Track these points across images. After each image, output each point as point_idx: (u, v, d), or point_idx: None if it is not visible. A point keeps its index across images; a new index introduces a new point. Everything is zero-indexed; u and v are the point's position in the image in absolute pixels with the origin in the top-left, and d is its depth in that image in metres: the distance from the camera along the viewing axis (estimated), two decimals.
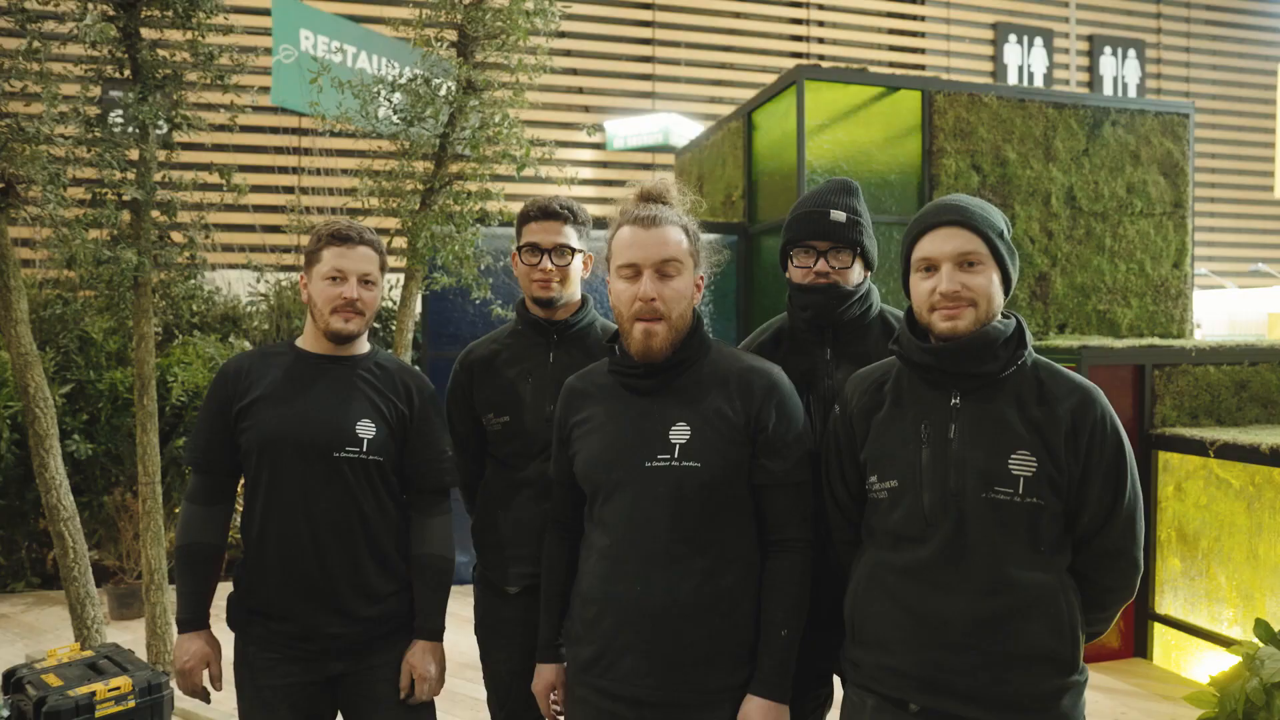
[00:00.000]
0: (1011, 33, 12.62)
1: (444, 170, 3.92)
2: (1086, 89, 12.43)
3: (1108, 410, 1.47)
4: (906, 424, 1.51)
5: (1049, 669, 1.43)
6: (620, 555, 1.65)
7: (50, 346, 5.12)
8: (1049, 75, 12.50)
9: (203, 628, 1.96)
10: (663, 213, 1.67)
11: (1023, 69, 12.58)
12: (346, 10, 8.50)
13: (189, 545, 1.96)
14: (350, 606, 1.90)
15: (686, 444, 1.63)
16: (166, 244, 3.84)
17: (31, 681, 2.42)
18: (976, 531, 1.43)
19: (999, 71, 12.32)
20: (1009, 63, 12.62)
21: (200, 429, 1.97)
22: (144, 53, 3.64)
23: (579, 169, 10.07)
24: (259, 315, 6.09)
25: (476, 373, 2.11)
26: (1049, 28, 12.52)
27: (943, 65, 12.00)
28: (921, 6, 11.80)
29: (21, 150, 3.23)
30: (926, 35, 11.94)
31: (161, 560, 3.88)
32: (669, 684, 1.62)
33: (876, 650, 1.52)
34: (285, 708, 1.90)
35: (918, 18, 11.74)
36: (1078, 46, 12.80)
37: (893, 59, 11.69)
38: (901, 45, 11.77)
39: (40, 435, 3.39)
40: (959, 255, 1.45)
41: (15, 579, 5.30)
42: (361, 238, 1.95)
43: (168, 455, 5.15)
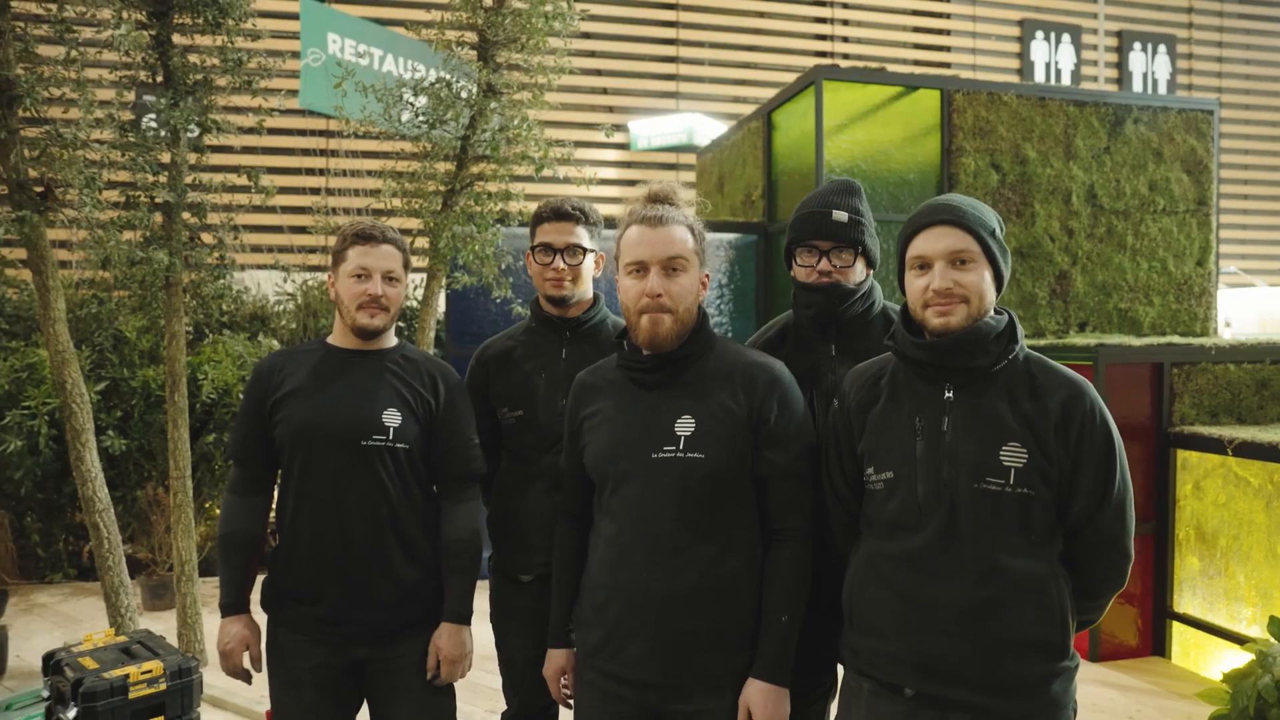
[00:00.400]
0: (1038, 29, 12.47)
1: (465, 171, 4.00)
2: (1115, 85, 12.30)
3: (1097, 404, 1.50)
4: (902, 417, 1.56)
5: (1039, 655, 1.47)
6: (627, 544, 1.70)
7: (86, 345, 5.27)
8: (1076, 72, 12.35)
9: (243, 612, 2.05)
10: (669, 213, 1.73)
11: (1050, 66, 12.44)
12: (373, 14, 8.61)
13: (229, 534, 2.05)
14: (376, 591, 1.97)
15: (692, 436, 1.69)
16: (197, 245, 3.95)
17: (69, 664, 2.53)
18: (969, 521, 1.48)
19: (1025, 69, 12.19)
20: (1036, 59, 12.47)
21: (238, 424, 2.06)
22: (175, 59, 3.75)
23: (603, 169, 10.15)
24: (286, 314, 6.21)
25: (492, 368, 2.18)
26: (1077, 24, 12.36)
27: (968, 63, 11.90)
28: (947, 4, 11.71)
29: (60, 155, 3.35)
30: (952, 33, 11.83)
31: (192, 552, 4.00)
32: (673, 668, 1.67)
33: (872, 636, 1.56)
34: (311, 688, 1.98)
35: (943, 15, 11.65)
36: (1106, 42, 12.64)
37: (918, 57, 11.60)
38: (927, 44, 11.67)
39: (76, 430, 3.51)
40: (951, 253, 1.49)
41: (53, 570, 5.46)
42: (385, 236, 2.03)
43: (198, 451, 5.29)
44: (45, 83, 3.35)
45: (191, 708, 2.59)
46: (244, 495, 2.06)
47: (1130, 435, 4.15)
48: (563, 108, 10.00)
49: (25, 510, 5.40)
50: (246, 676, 2.06)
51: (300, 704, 1.98)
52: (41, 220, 3.43)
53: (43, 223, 3.45)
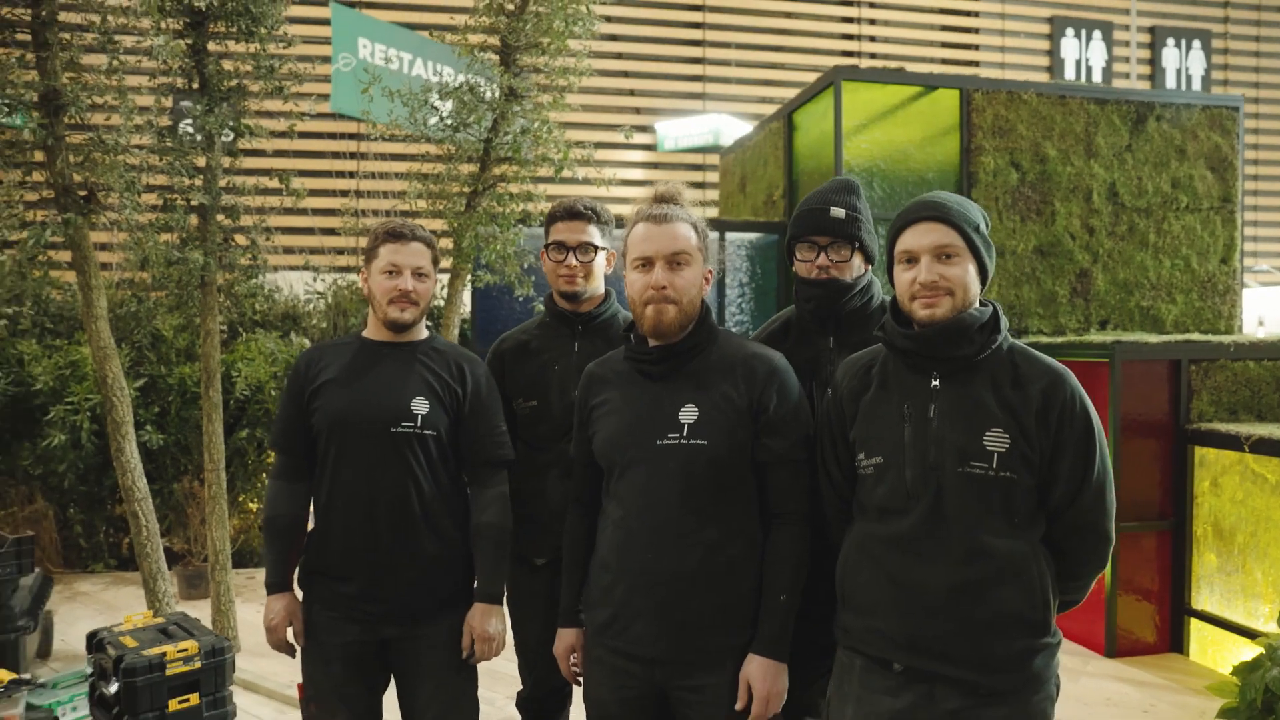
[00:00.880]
0: (1069, 26, 12.32)
1: (488, 173, 4.11)
2: (1148, 82, 12.16)
3: (1078, 391, 1.56)
4: (891, 405, 1.63)
5: (1021, 631, 1.54)
6: (633, 527, 1.79)
7: (125, 343, 5.46)
8: (1108, 69, 12.20)
9: (286, 590, 2.15)
10: (674, 211, 1.81)
11: (1080, 63, 12.29)
12: (403, 18, 8.75)
13: (273, 518, 2.16)
14: (404, 572, 2.07)
15: (695, 424, 1.77)
16: (231, 246, 4.10)
17: (111, 642, 2.67)
18: (954, 503, 1.54)
19: (1055, 66, 12.06)
20: (1066, 57, 12.32)
21: (280, 414, 2.18)
22: (210, 67, 3.90)
23: (629, 170, 10.24)
24: (317, 314, 6.38)
25: (508, 360, 2.28)
26: (1108, 20, 12.19)
27: (996, 61, 11.80)
28: (975, 2, 11.63)
29: (102, 160, 3.50)
30: (980, 31, 11.74)
31: (225, 543, 4.15)
32: (677, 645, 1.76)
33: (864, 615, 1.63)
34: (339, 663, 2.08)
35: (971, 13, 11.57)
36: (1139, 39, 12.48)
37: (945, 55, 11.51)
38: (954, 42, 11.59)
39: (117, 422, 3.67)
40: (937, 248, 1.56)
41: (95, 560, 5.66)
42: (414, 234, 2.14)
43: (232, 446, 5.45)
44: (89, 91, 3.50)
45: (224, 685, 2.71)
46: (286, 481, 2.17)
47: (1148, 432, 4.17)
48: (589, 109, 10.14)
49: (68, 502, 5.60)
50: (290, 650, 2.16)
51: (329, 679, 2.09)
52: (85, 223, 3.59)
53: (86, 225, 3.60)
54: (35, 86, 3.30)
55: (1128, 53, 12.12)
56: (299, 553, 2.18)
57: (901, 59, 11.23)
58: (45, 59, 3.33)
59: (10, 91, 3.21)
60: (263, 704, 3.60)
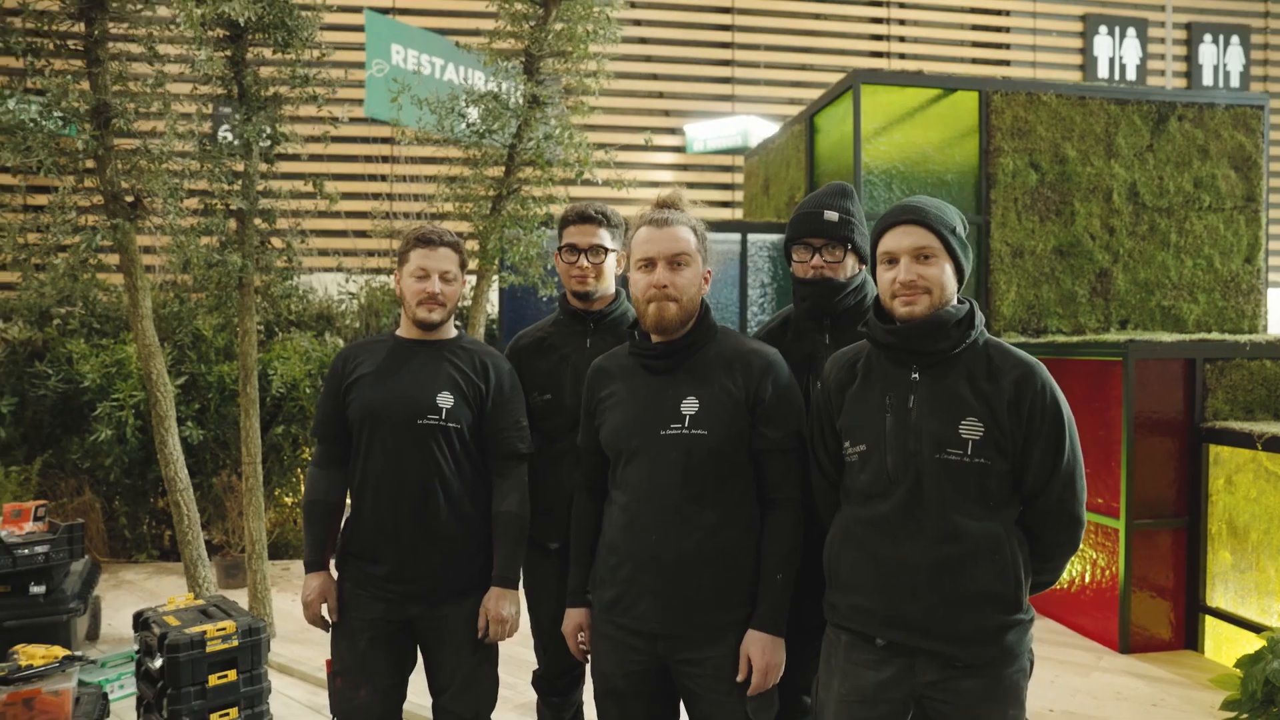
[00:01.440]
0: (1102, 24, 12.15)
1: (512, 177, 4.26)
2: (1184, 80, 12.00)
3: (1048, 383, 1.66)
4: (874, 396, 1.73)
5: (994, 608, 1.63)
6: (638, 511, 1.91)
7: (168, 342, 5.69)
8: (1142, 66, 12.03)
9: (322, 569, 2.30)
10: (674, 215, 1.93)
11: (1114, 61, 12.13)
12: (435, 24, 8.91)
13: (312, 503, 2.32)
14: (427, 555, 2.21)
15: (695, 415, 1.89)
16: (267, 249, 4.29)
17: (155, 621, 2.84)
18: (931, 488, 1.65)
19: (1089, 65, 11.91)
20: (1099, 55, 12.15)
21: (320, 406, 2.35)
22: (248, 77, 4.09)
23: (659, 172, 10.35)
24: (350, 314, 6.58)
25: (524, 356, 2.41)
26: (1143, 17, 12.00)
27: (1028, 60, 11.69)
28: (1006, 2, 11.54)
29: (147, 168, 3.69)
30: (1011, 30, 11.64)
31: (261, 533, 4.33)
32: (679, 621, 1.88)
33: (848, 593, 1.74)
34: (366, 639, 2.23)
35: (1002, 12, 11.48)
36: (1175, 35, 12.31)
37: (976, 55, 11.44)
38: (985, 41, 11.50)
39: (160, 416, 3.86)
40: (915, 249, 1.66)
41: (138, 550, 5.90)
42: (443, 240, 2.28)
43: (268, 442, 5.66)
44: (136, 102, 3.70)
45: (260, 663, 2.88)
46: (324, 468, 2.33)
47: (1163, 430, 4.21)
48: (619, 112, 10.25)
49: (114, 495, 5.85)
50: (324, 624, 2.31)
51: (354, 652, 2.23)
52: (132, 228, 3.79)
53: (133, 230, 3.80)
54: (87, 100, 3.50)
55: (1163, 50, 11.98)
56: (336, 535, 2.33)
57: (931, 59, 11.20)
58: (96, 74, 3.53)
59: (65, 104, 3.41)
60: (295, 686, 3.77)
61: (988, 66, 11.39)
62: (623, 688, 1.96)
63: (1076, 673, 3.91)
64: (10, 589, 3.51)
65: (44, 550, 3.53)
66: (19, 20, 3.51)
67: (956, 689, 1.64)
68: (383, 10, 9.59)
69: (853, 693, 1.70)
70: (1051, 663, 4.01)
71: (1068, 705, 3.56)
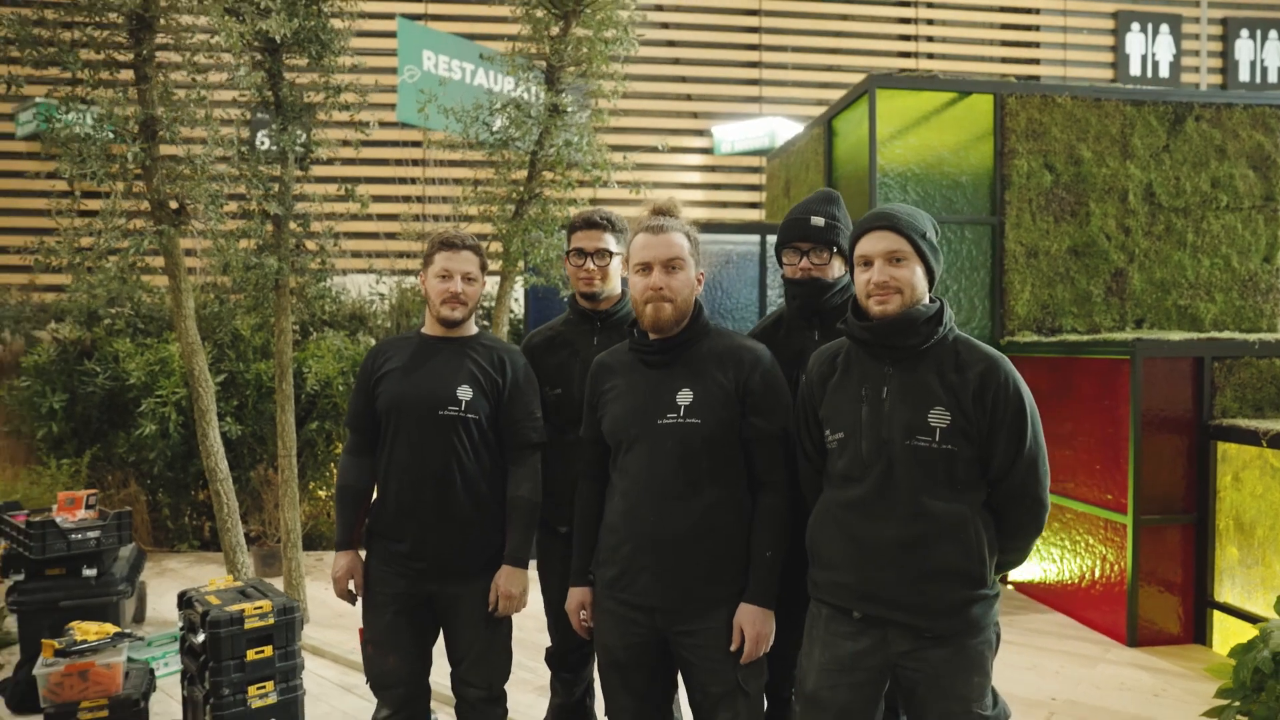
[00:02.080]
0: (1134, 20, 11.98)
1: (534, 183, 4.43)
2: (1219, 76, 11.86)
3: (1011, 375, 1.79)
4: (851, 387, 1.87)
5: (960, 583, 1.77)
6: (637, 495, 2.06)
7: (208, 341, 5.95)
8: (1176, 63, 11.87)
9: (350, 549, 2.49)
10: (669, 223, 2.09)
11: (1146, 59, 11.98)
12: (465, 29, 9.05)
13: (343, 487, 2.51)
14: (445, 536, 2.38)
15: (690, 405, 2.04)
16: (302, 251, 4.50)
17: (198, 600, 3.05)
18: (902, 472, 1.78)
19: (1120, 62, 11.76)
20: (1131, 52, 11.99)
21: (352, 398, 2.54)
22: (285, 89, 4.30)
23: (687, 174, 10.48)
24: (381, 314, 6.81)
25: (537, 353, 2.58)
26: (1176, 12, 11.80)
27: (1058, 58, 11.60)
28: (1036, 0, 11.44)
29: (190, 178, 3.92)
30: (1041, 28, 11.54)
31: (296, 522, 4.55)
32: (676, 596, 2.03)
33: (827, 570, 1.88)
34: (392, 611, 2.41)
35: (1031, 10, 11.40)
36: (1210, 30, 12.16)
37: (1005, 54, 11.37)
38: (1015, 40, 11.42)
39: (202, 410, 4.09)
40: (888, 253, 1.80)
41: (180, 540, 6.18)
42: (464, 244, 2.46)
43: (303, 437, 5.89)
44: (180, 115, 3.93)
45: (293, 640, 3.07)
46: (355, 455, 2.51)
47: (1171, 428, 4.28)
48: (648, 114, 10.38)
49: (157, 487, 6.13)
50: (351, 598, 2.49)
51: (381, 622, 2.41)
52: (176, 233, 4.02)
53: (177, 235, 4.04)
54: (136, 116, 3.74)
55: (1197, 46, 11.82)
56: (365, 517, 2.51)
57: (959, 59, 11.19)
58: (144, 90, 3.76)
59: (116, 119, 3.65)
60: (327, 666, 3.98)
61: (1017, 65, 11.34)
62: (624, 659, 2.12)
63: (1082, 664, 4.00)
64: (64, 571, 3.74)
65: (95, 536, 3.76)
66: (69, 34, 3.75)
67: (926, 658, 1.78)
68: (415, 17, 9.83)
69: (832, 662, 1.85)
70: (1058, 654, 4.10)
71: (1071, 694, 3.66)
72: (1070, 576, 4.69)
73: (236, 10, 3.86)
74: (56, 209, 3.84)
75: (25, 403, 5.94)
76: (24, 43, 3.46)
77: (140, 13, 3.68)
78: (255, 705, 2.94)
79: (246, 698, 2.93)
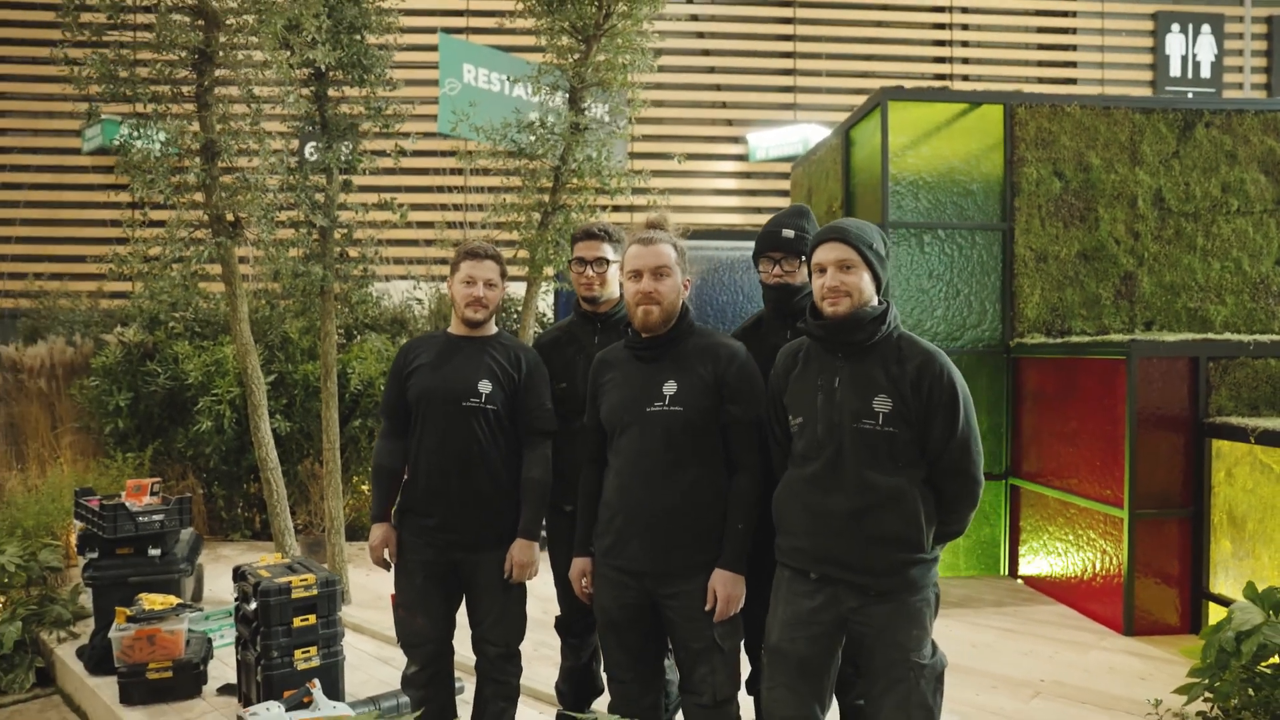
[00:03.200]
0: (1174, 21, 11.84)
1: (558, 196, 4.75)
2: (1264, 76, 11.76)
3: (946, 367, 2.04)
4: (809, 378, 2.14)
5: (899, 547, 2.03)
6: (629, 473, 2.35)
7: (259, 343, 6.38)
8: (1218, 64, 11.72)
9: (385, 520, 2.82)
10: (658, 235, 2.38)
11: (1186, 60, 11.84)
12: (504, 42, 9.26)
13: (378, 467, 2.84)
14: (467, 511, 2.69)
15: (674, 395, 2.33)
16: (346, 260, 4.88)
17: (251, 573, 3.41)
18: (850, 451, 2.05)
19: (1159, 65, 11.64)
20: (1171, 54, 11.86)
21: (386, 389, 2.87)
22: (330, 110, 4.68)
23: (722, 180, 10.71)
24: (420, 318, 7.19)
25: (545, 351, 2.89)
26: (1218, 12, 11.64)
27: (1095, 61, 11.53)
28: (1072, 3, 11.40)
29: (245, 195, 4.31)
30: (1078, 31, 11.50)
31: (339, 510, 4.92)
32: (661, 562, 2.31)
33: (789, 536, 2.15)
34: (421, 577, 2.74)
35: (1068, 13, 11.36)
36: (1254, 30, 12.03)
37: (1041, 58, 11.35)
38: (1051, 44, 11.39)
39: (254, 405, 4.48)
40: (839, 261, 2.07)
41: (233, 530, 6.61)
42: (487, 253, 2.78)
43: (347, 434, 6.28)
44: (237, 138, 4.32)
45: (334, 611, 3.42)
46: (388, 440, 2.84)
47: (1168, 425, 4.44)
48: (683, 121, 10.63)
49: (213, 480, 6.57)
50: (386, 565, 2.81)
51: (412, 587, 2.74)
52: (233, 244, 4.42)
53: (233, 246, 4.43)
54: (198, 139, 4.14)
55: (1240, 45, 11.68)
56: (397, 494, 2.84)
57: (994, 63, 11.22)
58: (205, 117, 4.17)
59: (182, 144, 4.06)
60: (366, 641, 4.33)
61: (1053, 69, 11.35)
62: (618, 619, 2.40)
63: (1077, 651, 4.18)
64: (133, 550, 4.15)
65: (159, 519, 4.16)
66: (144, 70, 4.17)
67: (871, 613, 2.04)
68: (456, 30, 10.22)
69: (792, 617, 2.12)
70: (1055, 642, 4.29)
71: (1060, 676, 3.85)
72: (1074, 570, 4.87)
73: (287, 42, 4.24)
74: (128, 221, 4.27)
75: (94, 401, 6.42)
76: (104, 79, 3.88)
77: (202, 48, 4.08)
78: (300, 667, 3.29)
79: (293, 660, 3.28)
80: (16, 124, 9.59)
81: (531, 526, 2.73)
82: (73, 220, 9.54)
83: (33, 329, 7.39)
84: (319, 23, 4.18)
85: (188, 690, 3.60)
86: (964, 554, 5.59)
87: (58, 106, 9.46)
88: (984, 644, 4.27)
